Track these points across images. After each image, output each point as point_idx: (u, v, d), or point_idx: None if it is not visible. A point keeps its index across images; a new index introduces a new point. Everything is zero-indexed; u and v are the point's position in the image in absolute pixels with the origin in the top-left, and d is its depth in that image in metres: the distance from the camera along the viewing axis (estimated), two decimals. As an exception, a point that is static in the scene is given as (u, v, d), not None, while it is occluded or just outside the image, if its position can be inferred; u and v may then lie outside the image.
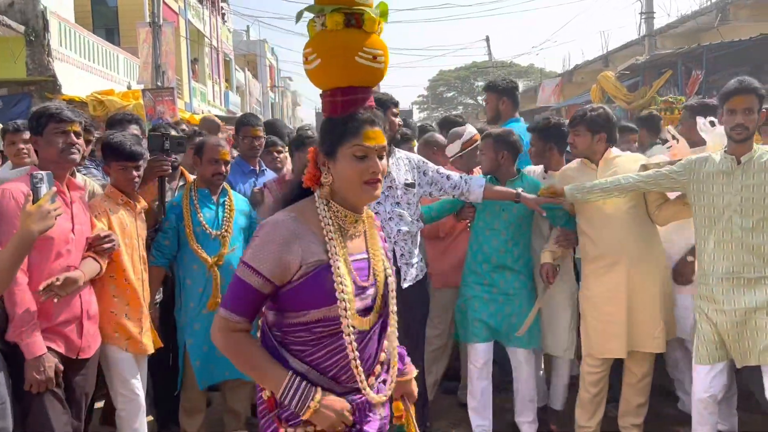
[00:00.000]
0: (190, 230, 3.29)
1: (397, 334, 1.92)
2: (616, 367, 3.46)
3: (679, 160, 3.14)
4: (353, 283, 1.74)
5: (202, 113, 18.56)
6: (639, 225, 3.29)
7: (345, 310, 1.70)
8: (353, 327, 1.72)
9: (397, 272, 3.19)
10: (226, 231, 3.37)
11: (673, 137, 3.35)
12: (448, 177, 3.39)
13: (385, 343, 1.87)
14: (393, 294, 1.84)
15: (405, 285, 3.24)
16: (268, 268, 1.68)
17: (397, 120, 3.40)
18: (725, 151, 2.95)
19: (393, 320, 1.89)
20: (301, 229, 1.71)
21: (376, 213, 3.16)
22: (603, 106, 3.49)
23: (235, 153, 4.57)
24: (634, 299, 3.26)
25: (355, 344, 1.72)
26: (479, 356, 3.48)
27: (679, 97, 9.73)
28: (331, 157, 1.73)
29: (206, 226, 3.32)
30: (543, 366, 3.93)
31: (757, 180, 2.83)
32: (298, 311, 1.72)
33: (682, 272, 3.42)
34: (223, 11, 29.89)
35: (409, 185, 3.30)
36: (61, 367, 2.59)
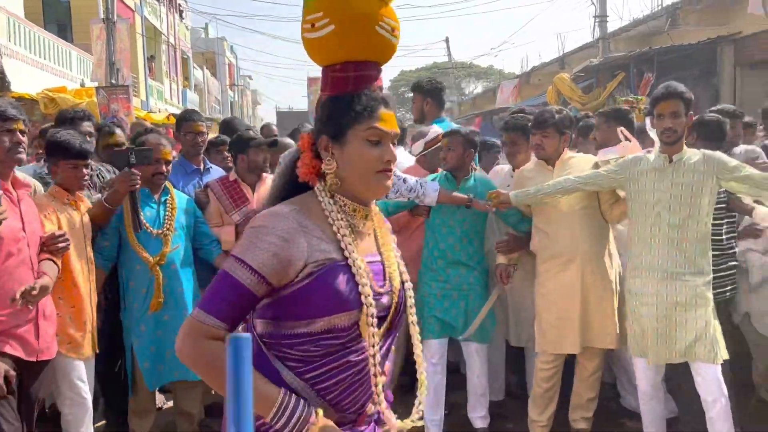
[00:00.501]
0: (131, 230, 3.24)
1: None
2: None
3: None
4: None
5: (159, 112, 18.25)
6: (593, 224, 3.38)
7: (371, 316, 1.44)
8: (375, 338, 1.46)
9: None
10: (168, 230, 3.33)
11: (626, 138, 3.47)
12: (404, 180, 3.41)
13: (388, 364, 1.57)
14: (412, 302, 1.58)
15: None
16: (264, 263, 1.38)
17: None
18: (660, 150, 3.07)
19: (414, 332, 1.60)
20: (306, 222, 1.43)
21: None
22: (563, 108, 3.59)
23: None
24: (588, 296, 3.34)
25: (378, 357, 1.47)
26: (434, 352, 3.53)
27: (639, 97, 9.99)
28: (338, 140, 1.46)
29: (147, 225, 3.28)
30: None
31: (686, 179, 2.96)
32: (302, 319, 1.42)
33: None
34: (181, 8, 29.44)
35: None
36: (13, 373, 2.49)
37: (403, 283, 1.56)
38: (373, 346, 1.45)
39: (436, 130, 3.94)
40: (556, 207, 3.35)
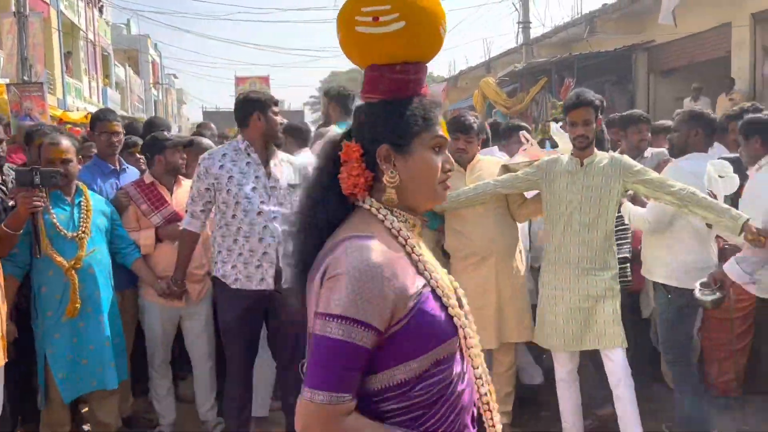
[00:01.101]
0: (43, 234, 3.05)
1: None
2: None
3: (536, 160, 3.40)
4: None
5: (78, 110, 17.45)
6: (504, 223, 3.54)
7: (465, 338, 1.33)
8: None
9: (278, 273, 3.18)
10: (83, 232, 3.18)
11: (527, 140, 3.62)
12: None
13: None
14: (471, 318, 1.42)
15: (286, 285, 3.23)
16: (378, 316, 1.20)
17: (278, 119, 3.35)
18: (572, 154, 3.24)
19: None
20: (390, 252, 1.26)
21: (259, 213, 3.15)
22: (475, 113, 3.72)
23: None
24: (503, 292, 3.49)
25: (485, 376, 1.39)
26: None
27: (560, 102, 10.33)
28: (401, 150, 1.32)
29: (60, 227, 3.12)
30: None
31: (596, 182, 3.14)
32: (408, 360, 1.24)
33: None
34: (101, 3, 28.28)
35: (292, 186, 3.30)
36: None
37: (460, 297, 1.43)
38: (477, 368, 1.36)
39: (335, 131, 3.95)
40: (471, 208, 3.47)
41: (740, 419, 3.63)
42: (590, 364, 3.60)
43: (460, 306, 1.38)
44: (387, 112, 1.33)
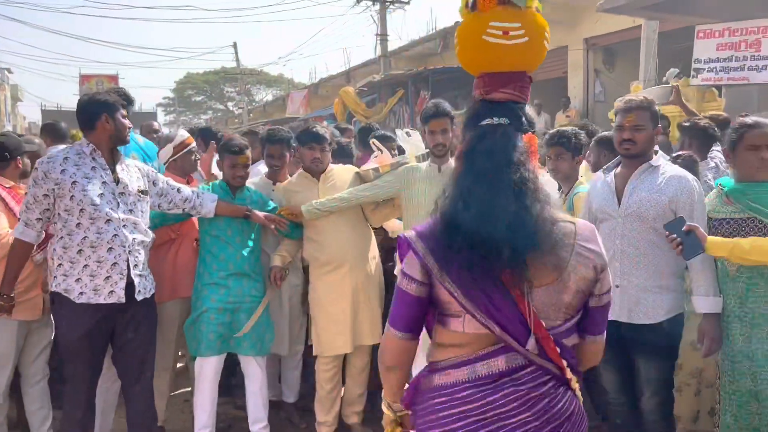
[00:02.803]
0: None
1: None
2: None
3: (386, 166, 3.56)
4: None
5: None
6: (357, 229, 3.63)
7: None
8: None
9: (131, 285, 3.03)
10: None
11: (378, 148, 3.79)
12: (178, 190, 3.32)
13: None
14: None
15: (140, 298, 3.09)
16: None
17: (127, 122, 3.17)
18: (430, 162, 3.43)
19: None
20: None
21: (108, 221, 2.97)
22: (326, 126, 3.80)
23: None
24: (358, 297, 3.57)
25: None
26: (212, 369, 3.44)
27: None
28: None
29: None
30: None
31: None
32: None
33: None
34: None
35: (142, 192, 3.16)
36: None
37: None
38: None
39: (182, 134, 3.88)
40: (327, 217, 3.53)
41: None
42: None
43: None
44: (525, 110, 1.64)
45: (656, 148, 2.88)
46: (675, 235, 2.49)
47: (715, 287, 2.67)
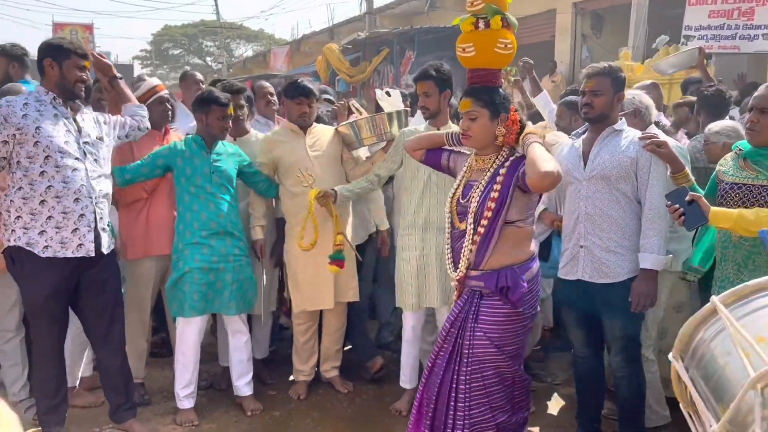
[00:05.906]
0: None
1: None
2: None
3: (381, 154, 3.60)
4: None
5: None
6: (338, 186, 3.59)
7: None
8: None
9: (97, 238, 2.95)
10: None
11: (357, 110, 3.78)
12: (123, 123, 3.25)
13: None
14: None
15: (106, 251, 3.03)
16: None
17: (83, 75, 2.97)
18: (428, 123, 3.37)
19: None
20: None
21: (75, 169, 2.85)
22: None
23: None
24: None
25: None
26: (196, 330, 3.38)
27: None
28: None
29: None
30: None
31: None
32: None
33: None
34: None
35: (100, 139, 3.05)
36: None
37: None
38: None
39: (150, 82, 3.72)
40: (306, 171, 3.49)
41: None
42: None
43: None
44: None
45: (654, 116, 3.00)
46: (677, 205, 2.45)
47: (663, 246, 2.74)
